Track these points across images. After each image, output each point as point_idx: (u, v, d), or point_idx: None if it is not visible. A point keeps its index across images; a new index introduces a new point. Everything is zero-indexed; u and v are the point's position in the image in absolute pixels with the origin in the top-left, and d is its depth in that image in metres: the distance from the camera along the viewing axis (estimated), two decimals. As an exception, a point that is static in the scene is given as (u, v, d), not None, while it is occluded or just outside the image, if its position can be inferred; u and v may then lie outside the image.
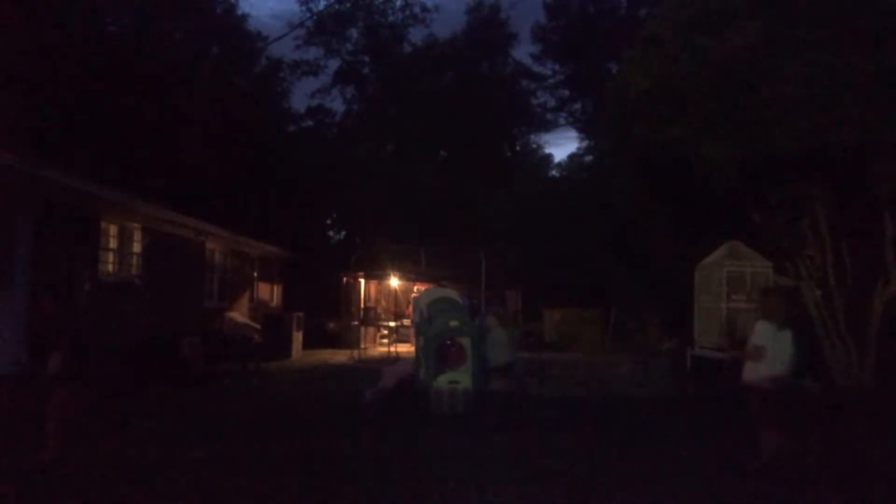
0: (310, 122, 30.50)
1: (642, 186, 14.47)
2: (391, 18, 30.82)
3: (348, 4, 30.08)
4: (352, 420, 8.57)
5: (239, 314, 17.47)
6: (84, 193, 10.80)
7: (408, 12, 30.53)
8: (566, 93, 33.30)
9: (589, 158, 30.10)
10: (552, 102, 33.83)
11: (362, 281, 19.14)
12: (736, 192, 11.89)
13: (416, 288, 19.87)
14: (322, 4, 29.85)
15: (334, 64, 30.91)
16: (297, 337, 16.58)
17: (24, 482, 5.59)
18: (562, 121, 34.17)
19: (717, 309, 11.67)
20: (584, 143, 31.93)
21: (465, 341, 9.29)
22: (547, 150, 47.53)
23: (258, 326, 16.59)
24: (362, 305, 19.12)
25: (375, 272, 18.74)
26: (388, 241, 20.59)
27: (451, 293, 11.72)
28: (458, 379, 9.01)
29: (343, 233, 30.05)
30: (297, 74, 29.43)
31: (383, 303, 21.16)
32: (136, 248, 13.01)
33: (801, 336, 6.35)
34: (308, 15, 29.82)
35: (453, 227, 24.18)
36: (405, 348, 16.98)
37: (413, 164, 25.87)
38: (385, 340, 18.45)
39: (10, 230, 9.58)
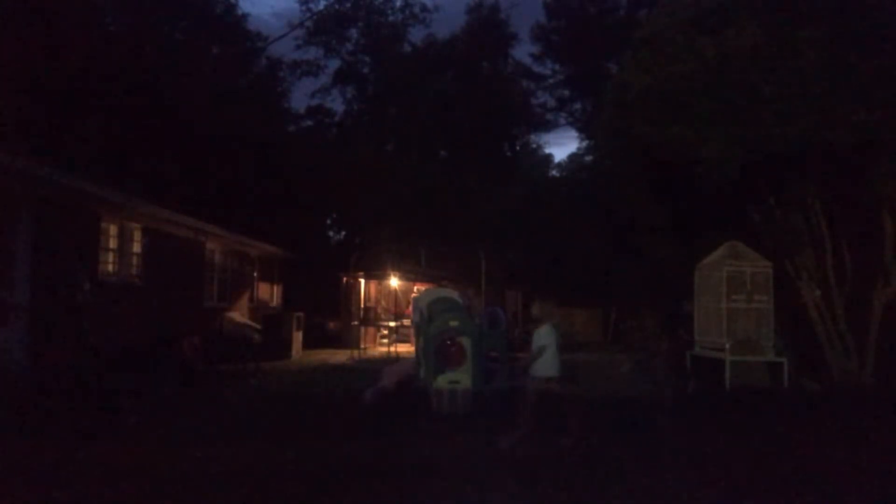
0: (310, 122, 30.52)
1: (642, 186, 14.48)
2: (391, 18, 30.86)
3: (348, 4, 30.10)
4: (352, 420, 8.56)
5: (239, 314, 17.47)
6: (84, 193, 10.79)
7: (408, 12, 30.58)
8: (566, 93, 33.33)
9: (589, 158, 30.11)
10: (552, 102, 33.90)
11: (362, 281, 19.14)
12: (736, 191, 11.90)
13: (416, 288, 19.86)
14: (322, 4, 29.89)
15: (334, 64, 30.96)
16: (297, 337, 16.57)
17: (24, 478, 5.60)
18: (562, 121, 34.24)
19: (717, 309, 11.69)
20: (584, 143, 31.98)
21: (465, 341, 9.29)
22: (547, 150, 47.58)
23: (258, 326, 16.58)
24: (362, 305, 19.11)
25: (375, 272, 18.73)
26: (388, 241, 20.59)
27: (451, 293, 11.73)
28: (458, 379, 9.02)
29: (343, 233, 30.05)
30: (297, 74, 29.48)
31: (383, 303, 21.15)
32: (136, 248, 13.00)
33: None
34: (308, 15, 29.86)
35: (453, 227, 24.16)
36: (405, 348, 16.98)
37: (413, 164, 25.86)
38: (385, 340, 18.45)
39: (10, 230, 9.58)
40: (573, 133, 55.82)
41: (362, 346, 16.83)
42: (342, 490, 5.57)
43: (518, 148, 34.65)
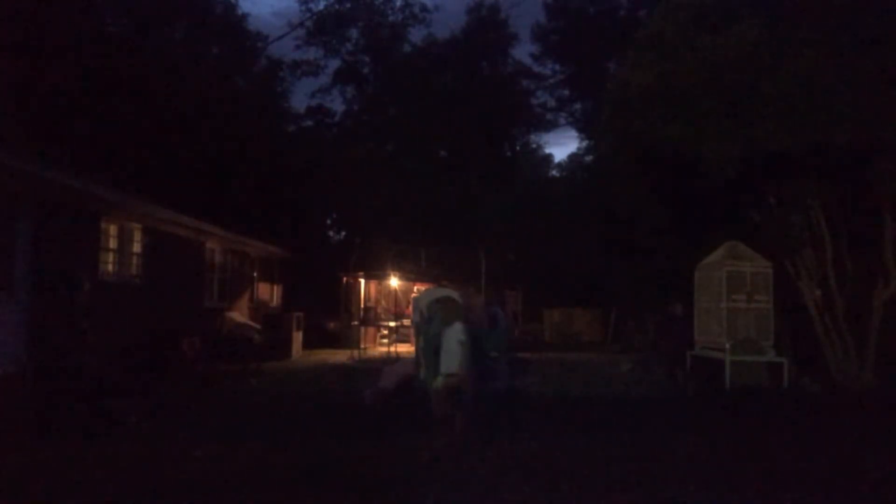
0: (310, 122, 30.53)
1: (642, 186, 14.47)
2: (391, 18, 30.87)
3: (348, 4, 30.12)
4: (351, 420, 8.56)
5: (239, 314, 17.46)
6: (84, 193, 10.79)
7: (408, 12, 30.61)
8: (566, 93, 33.38)
9: (589, 158, 30.13)
10: (552, 102, 33.94)
11: (362, 281, 19.14)
12: (736, 191, 11.90)
13: (416, 288, 19.87)
14: (322, 4, 29.91)
15: (334, 64, 30.98)
16: (297, 337, 16.57)
17: (22, 479, 5.60)
18: (562, 121, 34.27)
19: (718, 309, 11.68)
20: (584, 143, 32.00)
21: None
22: (547, 150, 47.68)
23: (258, 326, 16.58)
24: (362, 305, 19.11)
25: (375, 272, 18.74)
26: (388, 241, 20.59)
27: (452, 293, 11.71)
28: (458, 379, 8.99)
29: (343, 233, 30.07)
30: (297, 74, 29.49)
31: (383, 303, 21.15)
32: (136, 248, 13.00)
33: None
34: (308, 15, 29.87)
35: (453, 226, 24.17)
36: (405, 348, 16.97)
37: (413, 165, 25.88)
38: (385, 340, 18.45)
39: (10, 230, 9.58)
40: (573, 133, 55.94)
41: (362, 346, 16.83)
42: (341, 490, 5.57)
43: (518, 148, 34.67)
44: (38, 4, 15.81)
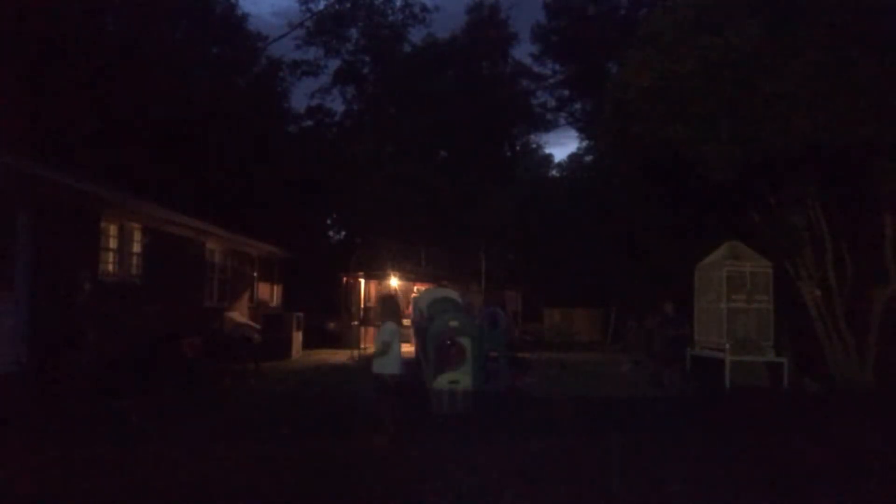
0: (310, 122, 30.52)
1: (641, 186, 14.48)
2: (391, 18, 30.86)
3: (348, 4, 30.11)
4: (351, 420, 8.56)
5: (239, 314, 17.46)
6: (84, 193, 10.79)
7: (408, 12, 30.59)
8: (566, 93, 33.31)
9: (589, 158, 30.12)
10: (552, 102, 33.87)
11: (362, 281, 19.13)
12: (735, 191, 11.91)
13: (416, 288, 19.86)
14: (322, 4, 29.91)
15: (334, 64, 30.97)
16: (297, 337, 16.57)
17: (22, 479, 5.60)
18: (562, 121, 34.22)
19: (718, 309, 11.69)
20: (584, 143, 31.98)
21: (465, 341, 9.29)
22: (547, 150, 47.70)
23: (258, 326, 16.58)
24: (362, 305, 19.11)
25: (375, 272, 18.73)
26: (388, 241, 20.58)
27: (451, 293, 11.72)
28: (458, 379, 9.02)
29: (343, 233, 30.05)
30: (297, 74, 29.49)
31: (383, 303, 21.10)
32: (136, 248, 13.00)
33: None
34: (308, 15, 29.87)
35: (453, 226, 24.16)
36: (405, 348, 16.95)
37: (413, 164, 25.88)
38: (385, 340, 18.41)
39: (11, 230, 9.58)
40: (573, 133, 55.98)
41: (362, 346, 16.82)
42: (341, 492, 5.57)
43: (518, 148, 34.65)
44: (40, 5, 15.80)
